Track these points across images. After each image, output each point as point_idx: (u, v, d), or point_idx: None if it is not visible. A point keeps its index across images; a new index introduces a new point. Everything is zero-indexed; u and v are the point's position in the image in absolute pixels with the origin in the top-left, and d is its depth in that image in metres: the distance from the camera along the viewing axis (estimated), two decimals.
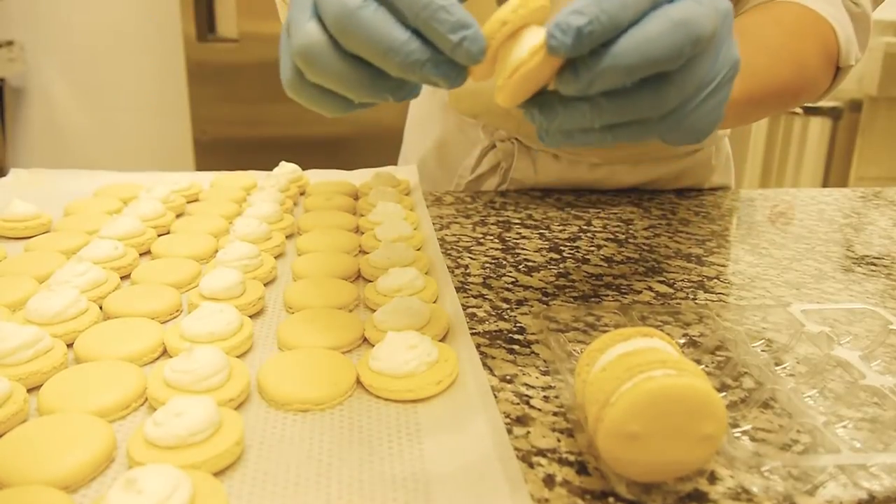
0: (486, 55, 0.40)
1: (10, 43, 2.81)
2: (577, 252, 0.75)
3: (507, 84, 0.41)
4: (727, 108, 0.48)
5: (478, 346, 0.55)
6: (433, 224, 0.80)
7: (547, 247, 0.77)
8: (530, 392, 0.50)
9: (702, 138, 0.47)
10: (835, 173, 3.02)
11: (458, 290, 0.64)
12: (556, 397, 0.49)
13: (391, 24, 0.40)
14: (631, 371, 0.39)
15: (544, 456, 0.43)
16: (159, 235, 0.73)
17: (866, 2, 0.78)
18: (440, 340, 0.54)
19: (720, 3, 0.44)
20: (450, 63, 0.41)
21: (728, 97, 0.47)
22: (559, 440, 0.45)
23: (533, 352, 0.55)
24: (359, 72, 0.42)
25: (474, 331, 0.58)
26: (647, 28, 0.40)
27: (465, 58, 0.40)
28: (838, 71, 0.79)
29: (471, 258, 0.73)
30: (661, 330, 0.52)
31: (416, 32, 0.40)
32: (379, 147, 1.75)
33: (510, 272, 0.70)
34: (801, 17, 0.76)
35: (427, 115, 1.07)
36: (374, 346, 0.52)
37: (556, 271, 0.70)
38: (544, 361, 0.54)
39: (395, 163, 1.14)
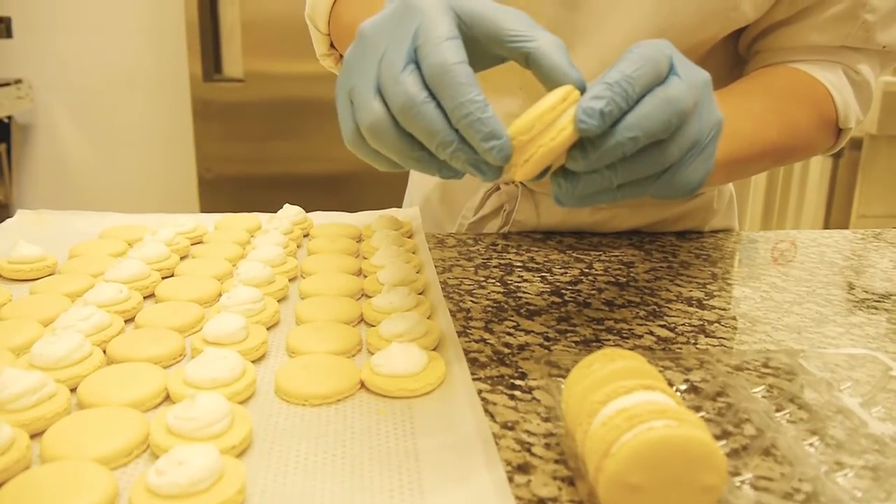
0: (517, 156, 0.48)
1: (18, 81, 2.85)
2: (579, 296, 0.76)
3: (527, 164, 0.48)
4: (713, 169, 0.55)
5: (479, 391, 0.55)
6: (435, 267, 0.80)
7: (548, 290, 0.77)
8: (531, 439, 0.50)
9: (692, 192, 0.54)
10: (836, 212, 3.03)
11: (459, 334, 0.65)
12: (558, 444, 0.49)
13: (443, 122, 0.47)
14: (631, 421, 0.39)
15: None
16: (164, 278, 0.74)
17: (867, 70, 0.82)
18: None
19: (699, 75, 0.52)
20: (485, 162, 0.48)
21: (714, 154, 0.53)
22: (560, 489, 0.45)
23: (534, 398, 0.55)
24: (415, 150, 0.49)
25: (476, 376, 0.58)
26: (644, 108, 0.48)
27: (492, 160, 0.47)
28: (841, 132, 0.83)
29: (472, 302, 0.73)
30: (662, 374, 0.52)
31: None
32: (384, 185, 1.76)
33: (512, 316, 0.70)
34: (793, 82, 0.81)
35: None
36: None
37: (557, 315, 0.70)
38: (545, 408, 0.54)
39: (399, 201, 1.15)
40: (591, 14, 0.78)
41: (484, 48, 0.50)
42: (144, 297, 0.70)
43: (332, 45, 0.81)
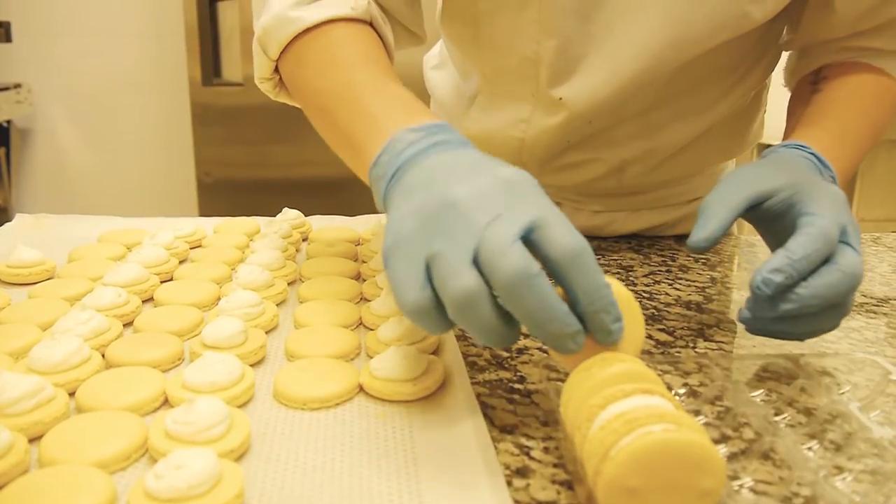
0: None
1: (17, 85, 2.84)
2: None
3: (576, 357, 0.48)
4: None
5: (478, 395, 0.55)
6: None
7: None
8: (530, 443, 0.50)
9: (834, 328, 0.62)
10: None
11: (458, 338, 0.64)
12: (556, 448, 0.49)
13: (556, 297, 0.45)
14: (630, 425, 0.39)
15: None
16: (162, 282, 0.74)
17: None
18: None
19: (859, 234, 0.60)
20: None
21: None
22: (559, 492, 0.45)
23: (533, 402, 0.55)
24: (505, 328, 0.46)
25: (474, 380, 0.58)
26: (828, 280, 0.56)
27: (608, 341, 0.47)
28: None
29: None
30: (661, 378, 0.52)
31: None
32: None
33: None
34: (879, 87, 0.81)
35: None
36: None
37: None
38: (544, 412, 0.54)
39: None
40: (605, 25, 0.78)
41: None
42: (143, 301, 0.70)
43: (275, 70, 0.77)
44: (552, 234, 0.45)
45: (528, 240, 0.45)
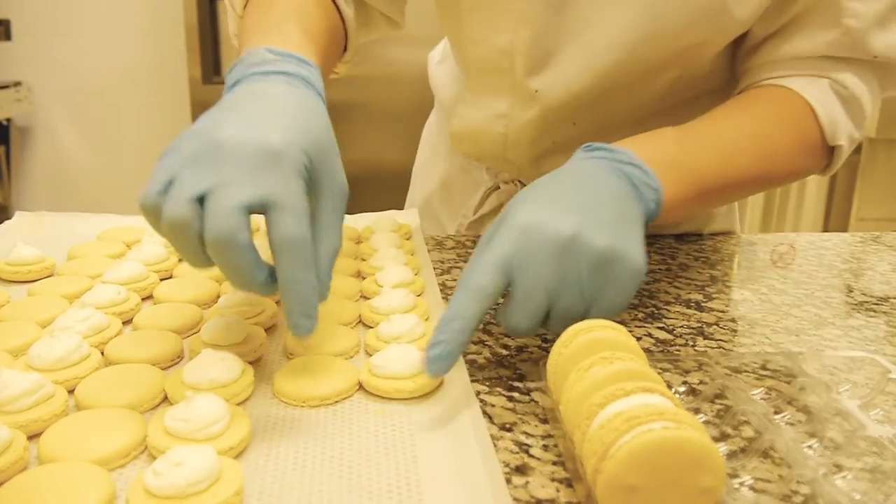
0: None
1: (17, 84, 2.85)
2: None
3: None
4: (677, 206, 0.68)
5: (477, 393, 0.55)
6: (434, 268, 0.80)
7: None
8: (529, 441, 0.50)
9: (624, 308, 0.60)
10: (835, 215, 3.03)
11: None
12: (556, 446, 0.49)
13: (256, 267, 0.50)
14: (630, 423, 0.39)
15: None
16: (162, 279, 0.74)
17: (855, 83, 0.78)
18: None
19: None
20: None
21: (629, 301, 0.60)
22: (558, 490, 0.45)
23: (532, 399, 0.55)
24: (201, 261, 0.51)
25: (474, 378, 0.58)
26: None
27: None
28: (834, 150, 0.80)
29: None
30: (661, 376, 0.52)
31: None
32: (382, 187, 1.76)
33: None
34: (773, 103, 0.78)
35: (434, 155, 1.09)
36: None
37: None
38: (543, 409, 0.54)
39: (397, 203, 1.15)
40: (577, 17, 0.78)
41: None
42: (143, 299, 0.70)
43: None
44: (276, 217, 0.49)
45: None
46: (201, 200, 0.48)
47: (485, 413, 0.53)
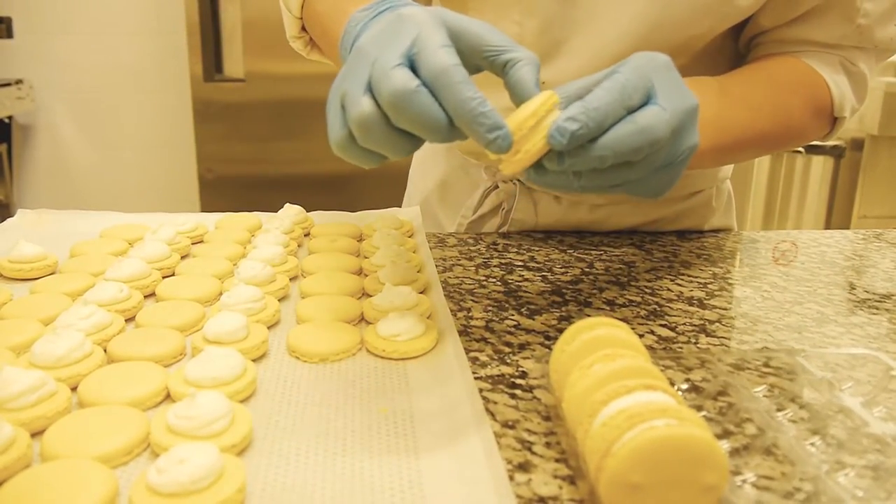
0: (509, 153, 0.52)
1: (19, 81, 2.84)
2: (580, 295, 0.76)
3: (514, 160, 0.52)
4: (702, 155, 0.66)
5: (480, 390, 0.55)
6: (436, 266, 0.80)
7: (549, 289, 0.77)
8: (532, 438, 0.50)
9: (659, 196, 0.59)
10: (838, 212, 3.03)
11: (460, 333, 0.64)
12: (558, 443, 0.49)
13: (437, 110, 0.49)
14: (632, 420, 0.39)
15: None
16: (164, 277, 0.74)
17: (863, 63, 0.84)
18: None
19: (684, 102, 0.54)
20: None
21: (683, 171, 0.58)
22: (561, 487, 0.45)
23: (535, 397, 0.55)
24: (403, 140, 0.52)
25: (476, 375, 0.58)
26: (619, 132, 0.52)
27: (496, 151, 0.51)
28: (836, 120, 0.85)
29: (473, 301, 0.73)
30: (664, 374, 0.52)
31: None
32: (384, 185, 1.76)
33: (512, 315, 0.70)
34: (791, 71, 0.83)
35: (431, 155, 1.08)
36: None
37: (558, 314, 0.70)
38: (546, 406, 0.54)
39: (399, 201, 1.15)
40: (586, 8, 0.79)
41: (467, 59, 0.54)
42: (145, 297, 0.70)
43: (303, 28, 0.84)
44: (423, 56, 0.50)
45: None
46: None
47: (487, 410, 0.53)
